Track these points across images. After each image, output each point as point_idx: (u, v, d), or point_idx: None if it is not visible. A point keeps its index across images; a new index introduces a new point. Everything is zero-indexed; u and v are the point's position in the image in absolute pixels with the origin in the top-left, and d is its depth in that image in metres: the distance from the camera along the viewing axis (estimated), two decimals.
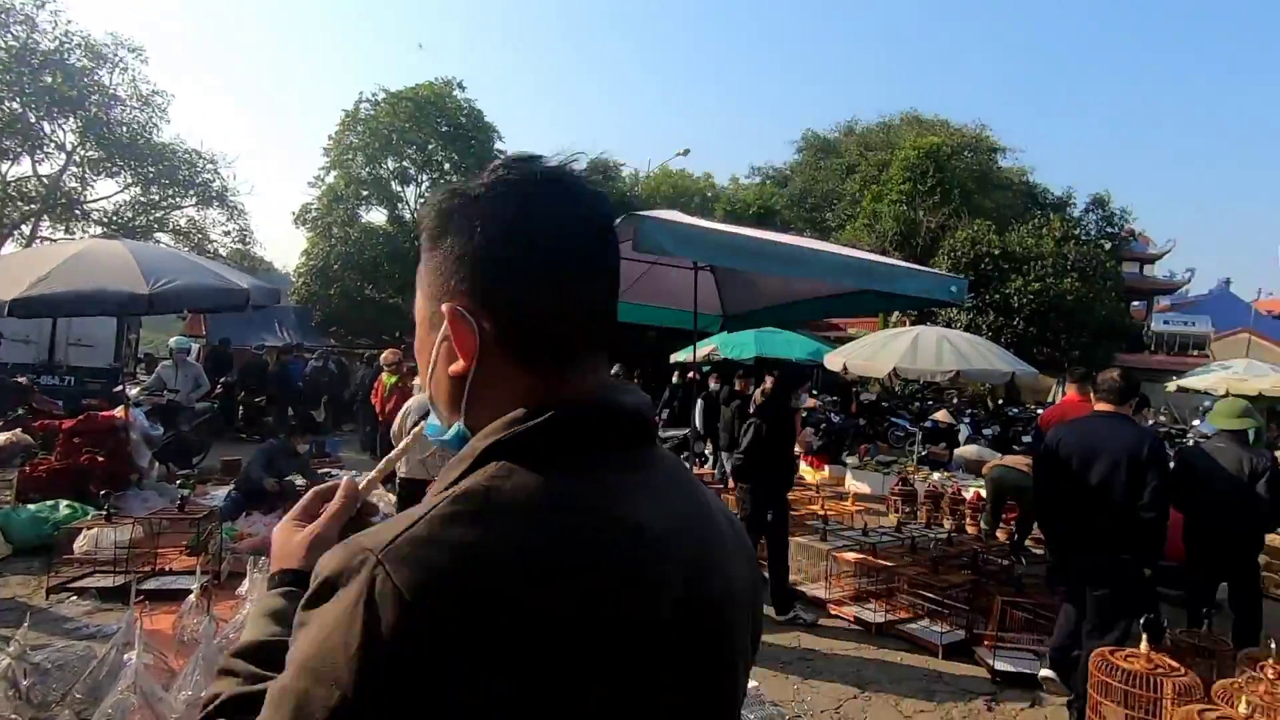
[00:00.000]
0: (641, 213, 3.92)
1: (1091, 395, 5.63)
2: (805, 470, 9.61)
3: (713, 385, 10.38)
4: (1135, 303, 35.56)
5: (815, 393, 13.52)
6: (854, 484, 9.81)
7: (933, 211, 25.19)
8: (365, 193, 18.66)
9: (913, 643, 4.29)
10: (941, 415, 11.59)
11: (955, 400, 19.03)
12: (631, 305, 7.67)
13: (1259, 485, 4.11)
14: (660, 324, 8.35)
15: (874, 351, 8.88)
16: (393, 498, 6.03)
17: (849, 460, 10.90)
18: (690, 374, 12.67)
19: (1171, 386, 18.81)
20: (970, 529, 6.69)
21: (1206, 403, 16.21)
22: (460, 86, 19.69)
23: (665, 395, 12.20)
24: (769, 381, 8.87)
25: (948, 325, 20.91)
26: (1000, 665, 3.91)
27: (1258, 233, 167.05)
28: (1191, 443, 9.60)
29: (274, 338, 16.07)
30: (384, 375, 7.71)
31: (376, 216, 19.46)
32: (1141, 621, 3.11)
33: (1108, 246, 31.43)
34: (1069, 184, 52.66)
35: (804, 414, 10.38)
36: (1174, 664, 2.94)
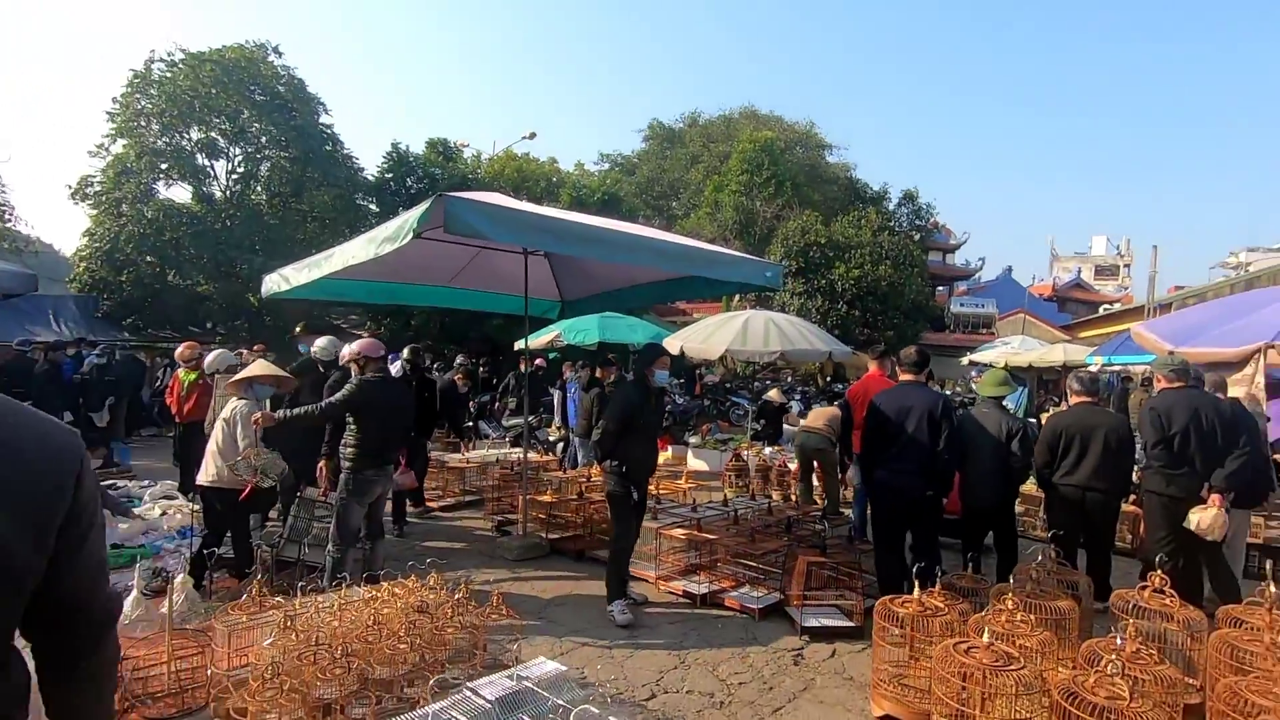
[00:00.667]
0: (452, 194, 3.74)
1: (895, 369, 6.28)
2: None
3: (569, 374, 10.31)
4: (940, 288, 40.19)
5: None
6: (694, 463, 10.23)
7: (768, 202, 26.77)
8: (164, 165, 16.42)
9: (734, 609, 4.53)
10: (774, 394, 12.36)
11: (789, 379, 20.45)
12: (461, 291, 7.43)
13: (1013, 444, 4.77)
14: (496, 310, 8.16)
15: (708, 335, 9.25)
16: (193, 507, 5.43)
17: (691, 440, 11.36)
18: (538, 361, 12.59)
19: (965, 360, 21.57)
20: (792, 497, 7.20)
21: (973, 373, 18.73)
22: (277, 52, 17.87)
23: (509, 383, 11.99)
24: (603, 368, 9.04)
25: (782, 309, 22.43)
26: (807, 622, 4.23)
27: (1037, 225, 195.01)
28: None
29: (47, 331, 13.77)
30: (180, 372, 6.86)
31: (179, 193, 17.22)
32: (914, 570, 3.50)
33: (917, 237, 35.22)
34: (885, 180, 58.37)
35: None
36: (940, 605, 3.33)
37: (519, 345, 12.10)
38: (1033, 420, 8.34)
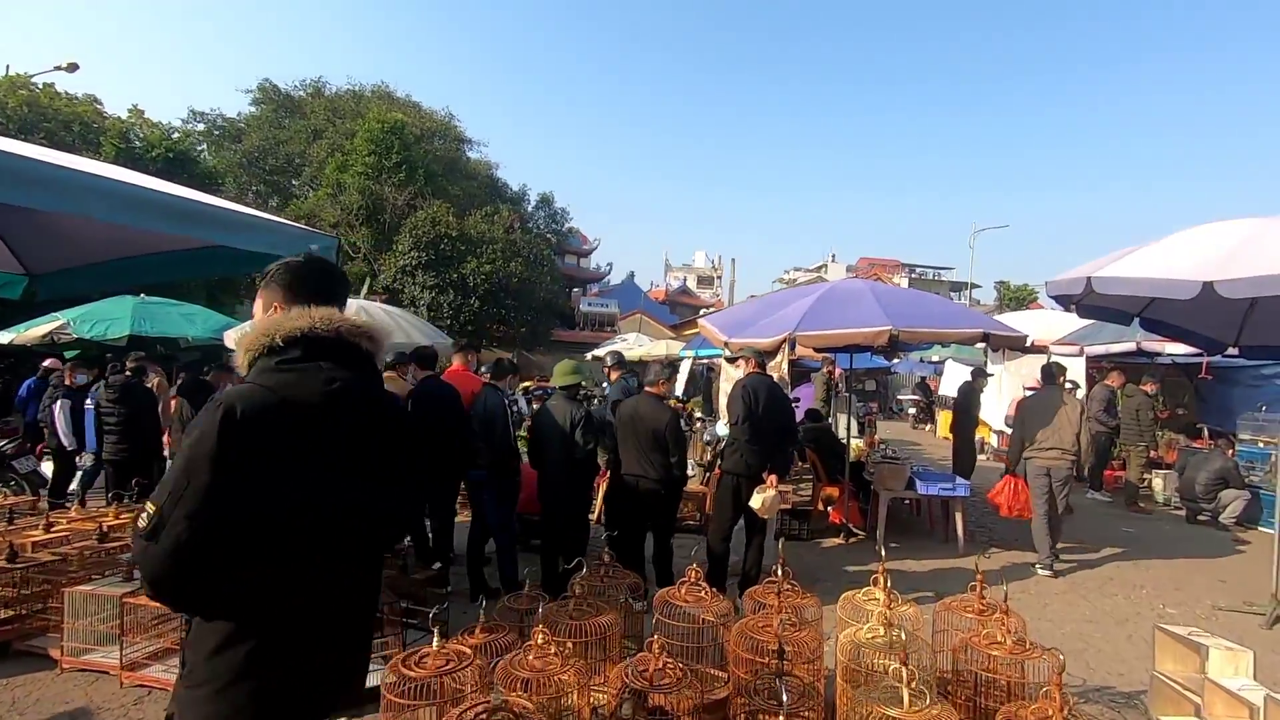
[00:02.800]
0: None
1: (468, 363, 5.69)
2: None
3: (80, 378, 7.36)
4: (575, 289, 42.94)
5: None
6: None
7: (399, 189, 24.91)
8: None
9: None
10: None
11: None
12: None
13: (577, 433, 4.54)
14: None
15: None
16: None
17: None
18: (50, 361, 9.15)
19: (589, 356, 23.02)
20: None
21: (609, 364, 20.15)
22: None
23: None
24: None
25: (413, 303, 21.01)
26: None
27: (657, 237, 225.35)
28: (595, 403, 11.48)
29: None
30: None
31: None
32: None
33: (553, 240, 36.89)
34: (525, 182, 60.42)
35: None
36: (468, 649, 2.71)
37: (6, 338, 8.67)
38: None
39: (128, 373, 6.98)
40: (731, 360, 6.33)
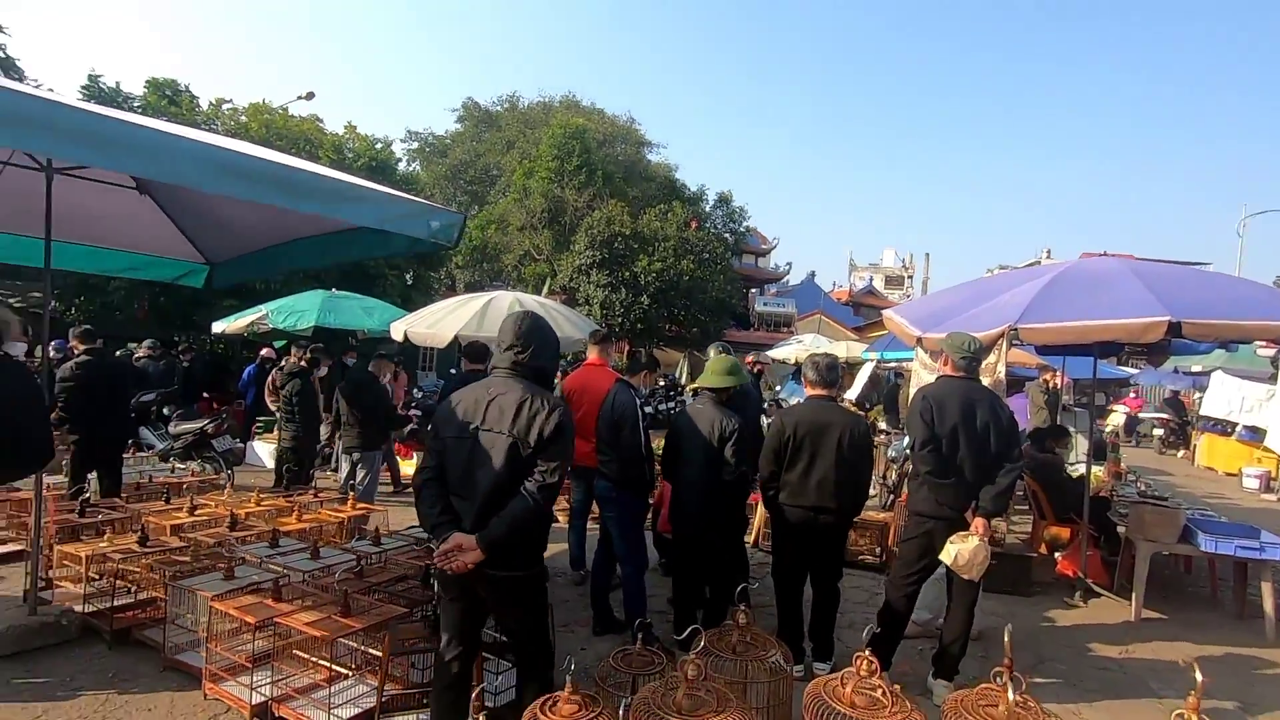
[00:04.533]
0: None
1: (605, 357, 5.02)
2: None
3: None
4: (753, 289, 41.70)
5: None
6: None
7: (579, 192, 25.53)
8: None
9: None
10: None
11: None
12: (80, 248, 5.17)
13: (726, 449, 3.64)
14: (109, 273, 5.86)
15: (439, 318, 7.58)
16: None
17: None
18: (265, 350, 10.12)
19: (757, 357, 21.83)
20: None
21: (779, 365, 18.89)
22: None
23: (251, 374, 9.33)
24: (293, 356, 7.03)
25: (586, 302, 21.30)
26: None
27: (839, 237, 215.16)
28: (768, 405, 10.44)
29: None
30: None
31: None
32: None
33: (731, 239, 36.05)
34: (703, 183, 60.15)
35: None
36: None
37: (218, 327, 9.65)
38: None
39: (303, 363, 7.29)
40: (929, 361, 4.99)
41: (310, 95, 20.52)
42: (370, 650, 3.03)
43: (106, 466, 5.19)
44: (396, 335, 7.86)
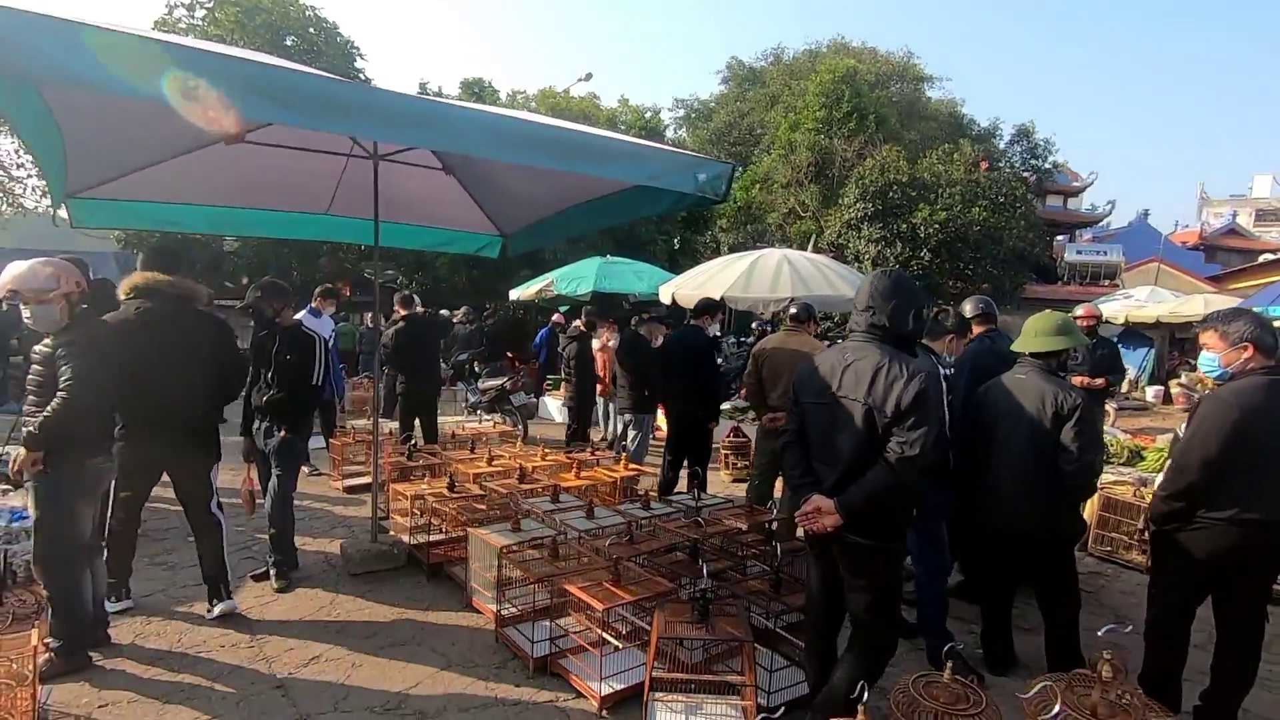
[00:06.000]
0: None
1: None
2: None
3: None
4: (1060, 237, 35.37)
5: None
6: None
7: (848, 140, 23.76)
8: None
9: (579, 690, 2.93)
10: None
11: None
12: (402, 227, 6.05)
13: (1065, 430, 2.83)
14: (424, 248, 6.72)
15: (706, 279, 7.45)
16: None
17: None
18: (556, 315, 11.14)
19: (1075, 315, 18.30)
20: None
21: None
22: None
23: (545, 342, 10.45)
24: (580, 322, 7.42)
25: (856, 258, 19.85)
26: None
27: (1185, 166, 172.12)
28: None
29: None
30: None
31: None
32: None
33: (1032, 179, 30.86)
34: (996, 116, 52.18)
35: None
36: None
37: (514, 294, 10.75)
38: (1154, 390, 6.04)
39: (581, 327, 7.74)
40: None
41: (588, 76, 22.28)
42: (640, 623, 2.94)
43: (426, 415, 6.02)
44: (664, 298, 7.94)
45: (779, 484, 4.96)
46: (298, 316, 6.38)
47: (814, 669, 2.60)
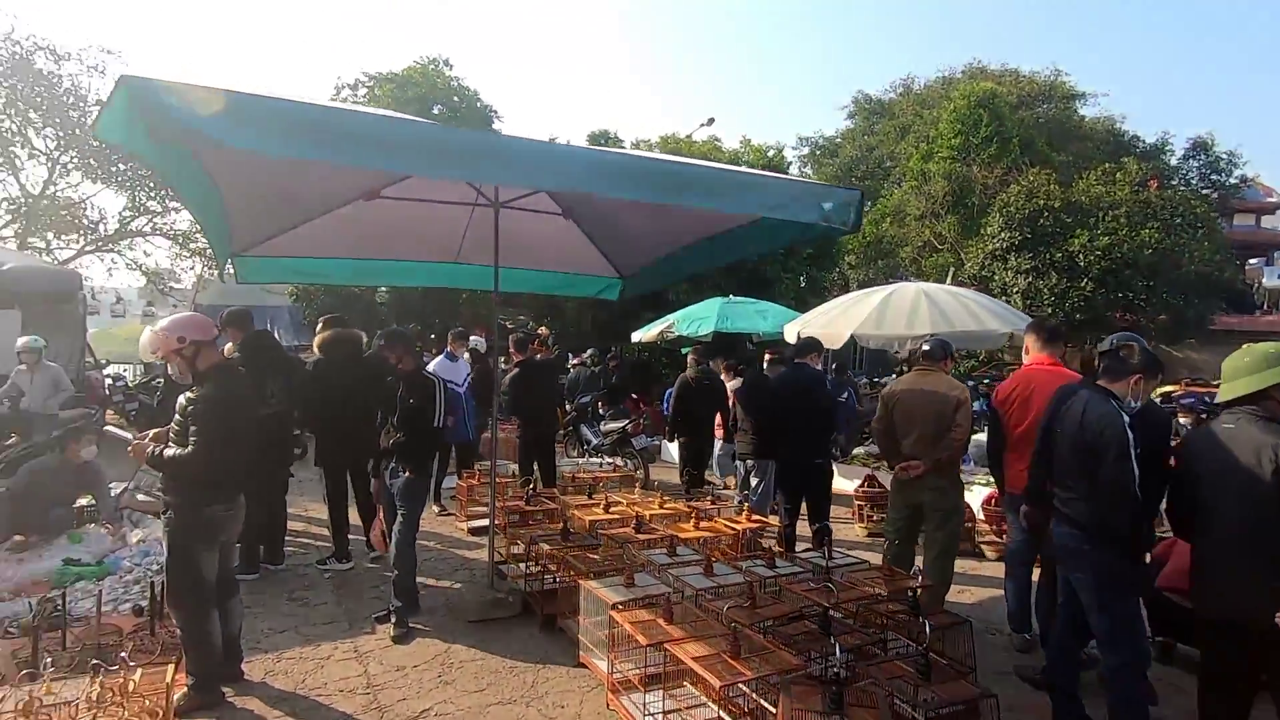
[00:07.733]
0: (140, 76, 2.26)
1: (1056, 355, 3.78)
2: None
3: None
4: (1254, 260, 30.82)
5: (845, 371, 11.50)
6: (841, 483, 7.93)
7: (989, 167, 22.21)
8: None
9: None
10: None
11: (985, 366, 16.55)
12: (525, 272, 6.23)
13: None
14: (545, 292, 6.82)
15: (834, 317, 7.00)
16: None
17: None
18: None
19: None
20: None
21: None
22: (447, 64, 18.63)
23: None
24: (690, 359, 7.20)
25: (1004, 291, 18.24)
26: None
27: None
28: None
29: None
30: None
31: None
32: None
33: (1214, 196, 27.27)
34: (1165, 129, 46.87)
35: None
36: None
37: (636, 337, 10.75)
38: None
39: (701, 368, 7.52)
40: None
41: (710, 121, 22.24)
42: (762, 702, 2.61)
43: (543, 458, 6.02)
44: (790, 337, 7.57)
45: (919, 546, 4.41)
46: (434, 362, 6.72)
47: None
